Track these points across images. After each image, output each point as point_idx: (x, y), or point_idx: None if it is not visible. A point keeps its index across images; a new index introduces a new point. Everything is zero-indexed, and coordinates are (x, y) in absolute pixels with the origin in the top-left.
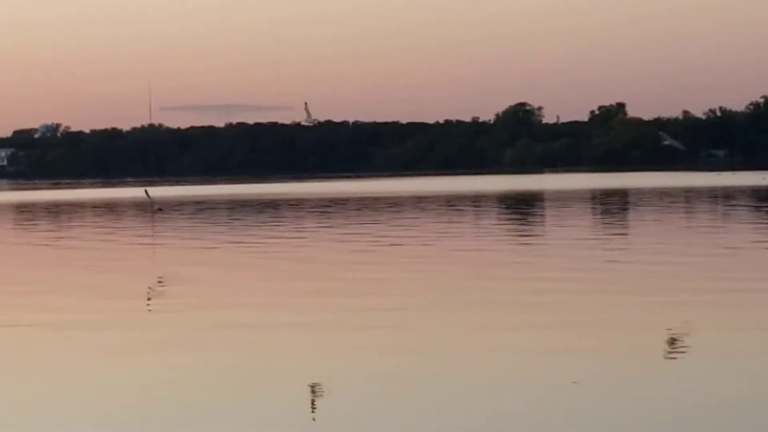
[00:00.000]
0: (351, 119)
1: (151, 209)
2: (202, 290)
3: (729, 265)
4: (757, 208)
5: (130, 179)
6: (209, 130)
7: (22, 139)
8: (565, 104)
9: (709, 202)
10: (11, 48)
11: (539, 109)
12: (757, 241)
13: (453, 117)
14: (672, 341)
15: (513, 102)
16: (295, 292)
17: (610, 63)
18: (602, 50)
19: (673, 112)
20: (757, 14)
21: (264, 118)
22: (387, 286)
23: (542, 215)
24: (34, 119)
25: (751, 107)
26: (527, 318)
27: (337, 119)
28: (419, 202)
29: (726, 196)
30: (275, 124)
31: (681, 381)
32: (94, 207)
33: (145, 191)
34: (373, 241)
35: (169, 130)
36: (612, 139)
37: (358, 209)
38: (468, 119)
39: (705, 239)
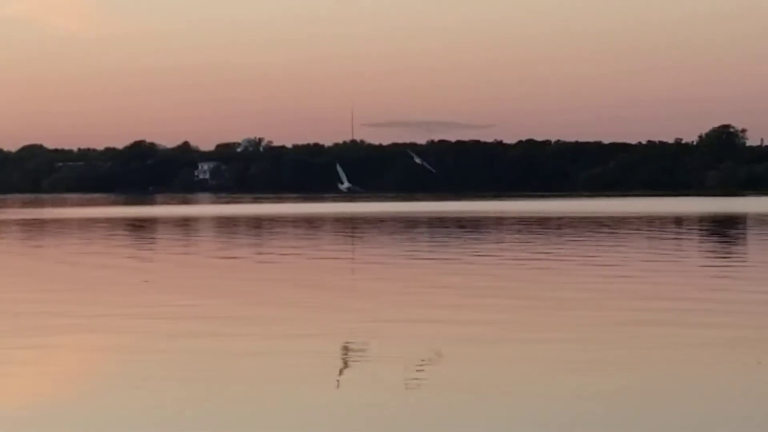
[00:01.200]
0: (553, 138)
1: None
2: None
3: None
4: None
5: (329, 195)
6: (411, 147)
7: (224, 153)
8: None
9: None
10: (217, 63)
11: (743, 131)
12: None
13: (656, 138)
14: None
15: (717, 124)
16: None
17: None
18: None
19: None
20: None
21: (465, 135)
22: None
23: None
24: (237, 133)
25: None
26: None
27: (539, 138)
28: (644, 223)
29: None
30: (477, 141)
31: None
32: (294, 222)
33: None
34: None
35: (371, 146)
36: None
37: (559, 227)
38: (671, 140)
39: None
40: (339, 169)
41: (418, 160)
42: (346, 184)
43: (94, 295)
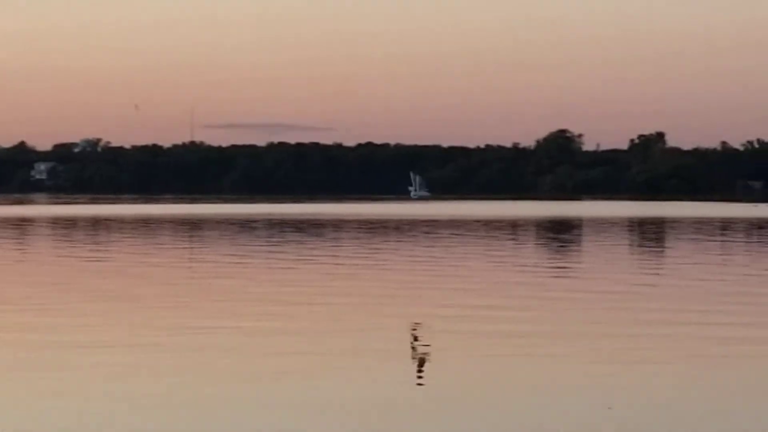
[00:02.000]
0: (392, 141)
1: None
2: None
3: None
4: None
5: (169, 196)
6: (251, 149)
7: (62, 154)
8: (605, 132)
9: (743, 232)
10: (54, 64)
11: (579, 136)
12: None
13: (494, 142)
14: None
15: (554, 129)
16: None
17: (651, 92)
18: (643, 79)
19: (711, 142)
20: None
21: (305, 138)
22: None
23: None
24: (74, 134)
25: None
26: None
27: (379, 141)
28: (477, 227)
29: (760, 226)
30: (317, 144)
31: None
32: (133, 222)
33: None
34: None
35: (210, 148)
36: (651, 168)
37: (397, 229)
38: (509, 144)
39: (729, 266)
40: (413, 176)
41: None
42: (418, 192)
43: None
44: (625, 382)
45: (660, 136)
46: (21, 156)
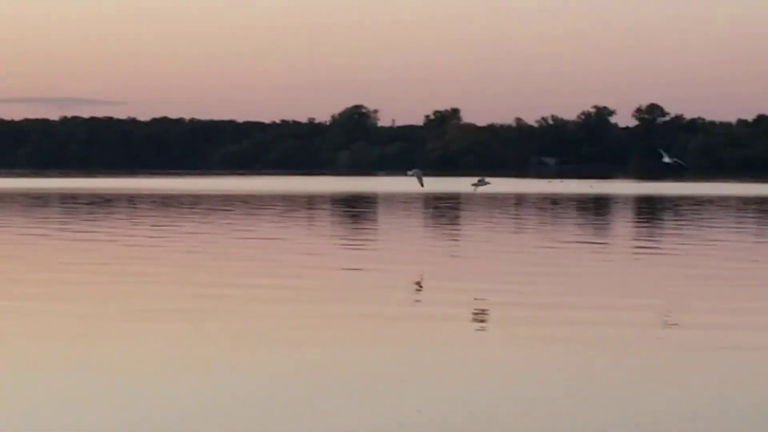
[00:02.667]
0: (187, 116)
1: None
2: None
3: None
4: (582, 213)
5: None
6: (44, 123)
7: None
8: (400, 108)
9: (536, 207)
10: None
11: (375, 112)
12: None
13: (289, 117)
14: None
15: (349, 104)
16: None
17: (446, 68)
18: (439, 55)
19: (506, 119)
20: (590, 25)
21: (98, 112)
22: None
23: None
24: None
25: (582, 117)
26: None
27: (174, 116)
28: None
29: (553, 202)
30: (111, 118)
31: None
32: None
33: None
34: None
35: (2, 122)
36: (446, 144)
37: (193, 204)
38: (304, 120)
39: (522, 240)
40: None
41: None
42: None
43: None
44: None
45: (455, 112)
46: None
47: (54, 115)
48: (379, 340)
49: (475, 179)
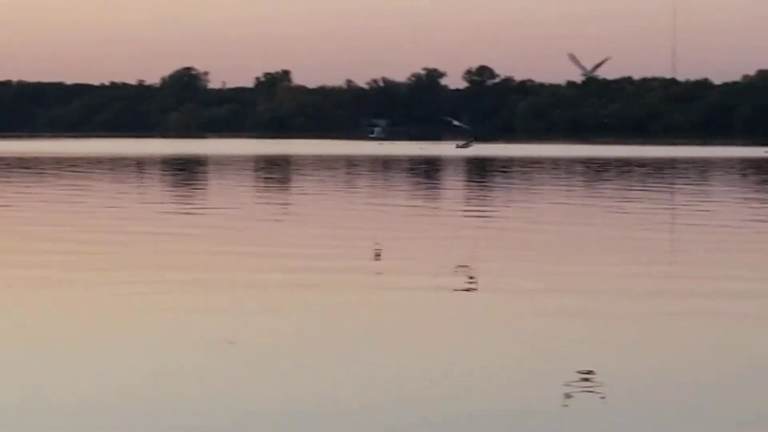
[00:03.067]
0: (14, 78)
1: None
2: None
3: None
4: (411, 175)
5: None
6: None
7: None
8: (231, 70)
9: (368, 169)
10: None
11: (205, 74)
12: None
13: (119, 79)
14: None
15: (179, 66)
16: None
17: (276, 30)
18: (269, 17)
19: (338, 81)
20: None
21: None
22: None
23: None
24: None
25: (413, 79)
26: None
27: (0, 78)
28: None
29: (384, 163)
30: None
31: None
32: None
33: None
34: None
35: None
36: (276, 106)
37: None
38: (134, 82)
39: (338, 201)
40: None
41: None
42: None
43: None
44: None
45: (286, 74)
46: None
47: None
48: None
49: (461, 141)
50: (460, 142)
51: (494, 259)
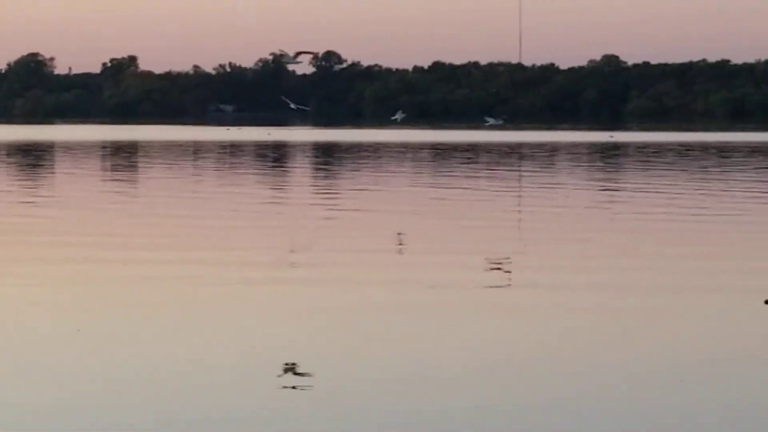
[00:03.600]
0: None
1: None
2: None
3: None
4: (261, 161)
5: None
6: None
7: None
8: (77, 56)
9: (213, 154)
10: None
11: (51, 59)
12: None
13: None
14: None
15: (24, 52)
16: None
17: (122, 15)
18: (115, 2)
19: (185, 66)
20: None
21: None
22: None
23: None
24: None
25: (260, 64)
26: None
27: None
28: None
29: (232, 149)
30: None
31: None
32: None
33: None
34: None
35: None
36: (123, 92)
37: None
38: None
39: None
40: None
41: (293, 106)
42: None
43: None
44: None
45: (132, 59)
46: None
47: None
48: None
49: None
50: (494, 120)
51: (318, 247)
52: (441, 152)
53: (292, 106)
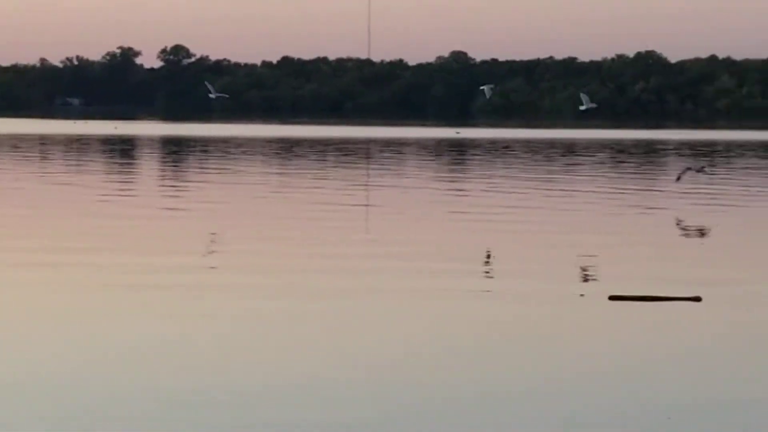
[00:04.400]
0: None
1: None
2: None
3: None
4: (106, 154)
5: None
6: None
7: None
8: None
9: (60, 146)
10: None
11: None
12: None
13: None
14: None
15: None
16: None
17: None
18: None
19: (31, 59)
20: None
21: None
22: None
23: None
24: None
25: (108, 57)
26: None
27: None
28: None
29: (79, 143)
30: None
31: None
32: None
33: None
34: None
35: None
36: None
37: None
38: None
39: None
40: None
41: (213, 96)
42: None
43: None
44: None
45: None
46: None
47: None
48: None
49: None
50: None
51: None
52: (288, 147)
53: (212, 95)
